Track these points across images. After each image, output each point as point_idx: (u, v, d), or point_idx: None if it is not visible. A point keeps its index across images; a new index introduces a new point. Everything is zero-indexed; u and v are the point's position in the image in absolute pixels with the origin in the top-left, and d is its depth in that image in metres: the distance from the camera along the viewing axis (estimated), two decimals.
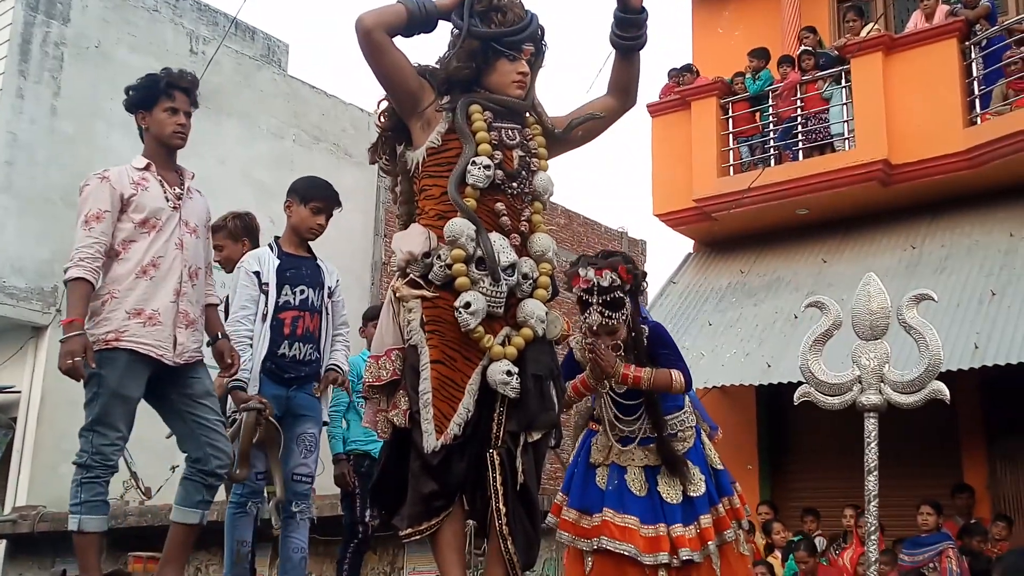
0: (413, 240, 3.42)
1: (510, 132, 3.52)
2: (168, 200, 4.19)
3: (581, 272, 4.23)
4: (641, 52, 3.73)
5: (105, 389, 3.98)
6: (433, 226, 3.43)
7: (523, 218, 3.52)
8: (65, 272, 4.00)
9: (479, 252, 3.35)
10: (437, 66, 3.57)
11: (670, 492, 4.31)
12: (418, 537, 3.36)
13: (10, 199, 13.59)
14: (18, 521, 12.70)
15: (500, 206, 3.45)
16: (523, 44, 3.55)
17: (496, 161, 3.43)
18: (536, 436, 3.41)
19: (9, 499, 13.70)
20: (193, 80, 4.37)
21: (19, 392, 13.89)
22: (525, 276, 3.46)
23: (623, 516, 4.26)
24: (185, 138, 4.32)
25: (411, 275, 3.42)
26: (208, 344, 4.34)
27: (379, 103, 3.65)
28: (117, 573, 4.85)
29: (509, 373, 3.32)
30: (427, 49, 3.71)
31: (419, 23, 3.48)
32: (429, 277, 3.39)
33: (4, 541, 13.49)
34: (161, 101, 4.24)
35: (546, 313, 3.50)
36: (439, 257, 3.36)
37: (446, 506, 3.36)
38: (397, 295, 3.43)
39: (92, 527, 3.99)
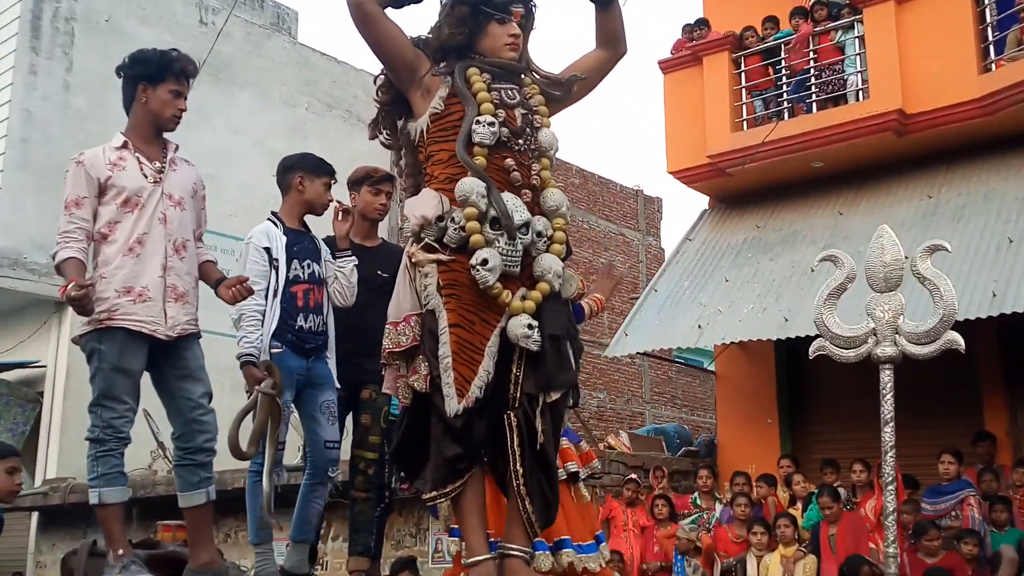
0: (426, 204, 3.44)
1: (509, 92, 3.55)
2: (147, 176, 4.22)
3: None
4: (618, 0, 3.74)
5: (105, 364, 4.04)
6: (444, 190, 3.44)
7: (533, 174, 3.53)
8: (53, 257, 4.07)
9: (492, 212, 3.36)
10: (430, 35, 3.60)
11: None
12: (442, 500, 3.41)
13: (28, 176, 13.68)
14: (49, 493, 12.91)
15: (509, 162, 3.46)
16: (512, 6, 3.58)
17: (500, 119, 3.46)
18: (555, 396, 3.43)
19: (39, 472, 13.91)
20: (196, 70, 4.44)
21: (44, 367, 14.07)
22: (539, 234, 3.47)
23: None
24: (179, 123, 4.38)
25: (426, 239, 3.43)
26: (214, 288, 4.37)
27: (376, 78, 3.69)
28: (146, 542, 4.90)
29: (530, 327, 3.34)
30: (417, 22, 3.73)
31: None
32: (444, 241, 3.41)
33: (36, 513, 13.72)
34: (168, 81, 4.27)
35: (562, 269, 3.52)
36: (453, 219, 3.38)
37: (468, 468, 3.40)
38: (413, 260, 3.44)
39: (112, 499, 4.07)
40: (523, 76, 3.66)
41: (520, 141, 3.50)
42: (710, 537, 8.92)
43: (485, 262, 3.31)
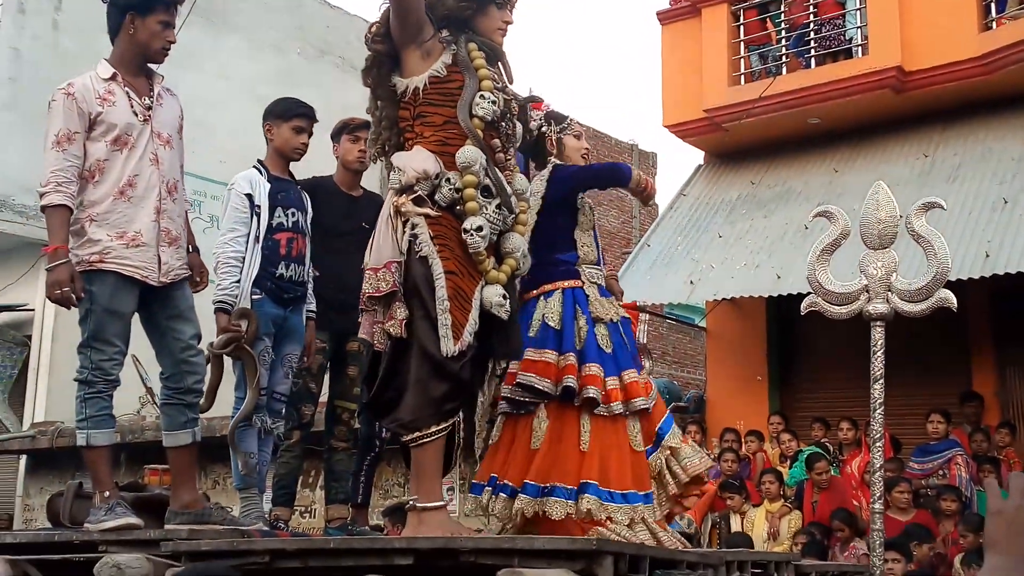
0: (426, 160, 3.54)
1: (496, 76, 3.70)
2: (137, 114, 4.11)
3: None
4: None
5: (97, 306, 3.98)
6: (434, 151, 3.57)
7: (508, 158, 3.73)
8: (41, 197, 3.92)
9: (486, 181, 3.54)
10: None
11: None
12: (426, 441, 3.44)
13: (16, 117, 13.50)
14: (37, 437, 12.91)
15: (496, 143, 3.64)
16: None
17: (498, 99, 3.61)
18: (505, 366, 3.81)
19: (27, 415, 13.91)
20: None
21: (32, 310, 14.00)
22: (510, 211, 3.68)
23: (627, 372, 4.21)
24: (167, 55, 4.26)
25: (419, 192, 3.53)
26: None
27: (371, 26, 3.71)
28: (133, 485, 4.91)
29: (504, 297, 3.53)
30: None
31: None
32: (435, 198, 3.53)
33: (24, 457, 13.73)
34: (158, 11, 4.15)
35: (527, 249, 3.74)
36: (448, 180, 3.51)
37: (455, 411, 3.52)
38: (402, 209, 3.53)
39: (100, 441, 4.04)
40: (499, 65, 3.79)
41: (503, 124, 3.67)
42: (712, 486, 8.91)
43: (480, 228, 3.48)
